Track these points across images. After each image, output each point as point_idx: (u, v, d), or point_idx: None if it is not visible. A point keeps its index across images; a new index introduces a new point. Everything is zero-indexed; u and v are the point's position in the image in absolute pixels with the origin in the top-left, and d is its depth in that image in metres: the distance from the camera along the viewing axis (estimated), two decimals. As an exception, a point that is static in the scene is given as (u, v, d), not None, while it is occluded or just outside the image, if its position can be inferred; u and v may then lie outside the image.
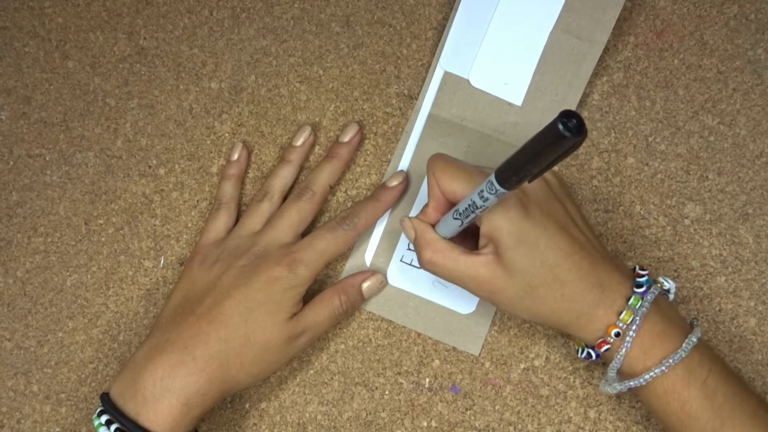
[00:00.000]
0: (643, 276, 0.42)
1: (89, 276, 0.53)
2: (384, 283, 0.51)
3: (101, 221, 0.54)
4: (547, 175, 0.44)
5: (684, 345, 0.41)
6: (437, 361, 0.50)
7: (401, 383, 0.50)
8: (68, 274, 0.53)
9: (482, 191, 0.38)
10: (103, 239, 0.54)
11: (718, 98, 0.51)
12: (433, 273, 0.44)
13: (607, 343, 0.41)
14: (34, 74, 0.56)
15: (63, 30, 0.56)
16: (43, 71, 0.56)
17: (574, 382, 0.49)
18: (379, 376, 0.50)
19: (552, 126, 0.30)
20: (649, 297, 0.41)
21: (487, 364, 0.50)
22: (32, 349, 0.53)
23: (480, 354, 0.50)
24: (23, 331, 0.53)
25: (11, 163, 0.55)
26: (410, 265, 0.51)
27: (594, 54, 0.50)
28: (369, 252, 0.51)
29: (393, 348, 0.51)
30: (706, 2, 0.52)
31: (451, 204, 0.44)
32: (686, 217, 0.50)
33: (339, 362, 0.51)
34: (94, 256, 0.53)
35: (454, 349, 0.50)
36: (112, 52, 0.55)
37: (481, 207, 0.39)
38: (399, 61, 0.53)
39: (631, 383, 0.41)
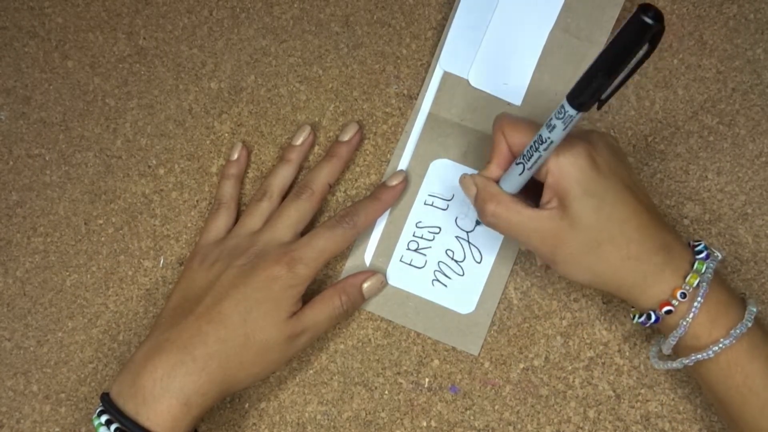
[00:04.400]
0: (699, 244, 0.42)
1: (89, 276, 0.53)
2: (384, 283, 0.51)
3: (101, 221, 0.54)
4: (610, 138, 0.44)
5: (747, 315, 0.40)
6: (437, 361, 0.50)
7: (401, 383, 0.50)
8: (68, 273, 0.53)
9: (550, 120, 0.38)
10: (102, 239, 0.54)
11: (718, 98, 0.51)
12: (495, 227, 0.44)
13: (670, 305, 0.40)
14: (33, 74, 0.56)
15: (62, 30, 0.56)
16: (42, 71, 0.56)
17: (573, 382, 0.49)
18: (378, 376, 0.50)
19: (634, 19, 0.31)
20: (711, 264, 0.41)
21: (487, 364, 0.50)
22: (32, 348, 0.53)
23: (479, 354, 0.50)
24: (23, 331, 0.53)
25: (11, 163, 0.55)
26: (410, 265, 0.51)
27: (593, 54, 0.50)
28: (369, 252, 0.51)
29: (392, 348, 0.51)
30: (706, 2, 0.52)
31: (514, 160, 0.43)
32: (685, 217, 0.50)
33: (338, 362, 0.51)
34: (94, 256, 0.53)
35: (454, 348, 0.50)
36: (111, 52, 0.55)
37: (546, 141, 0.38)
38: (398, 61, 0.53)
39: (700, 356, 0.40)
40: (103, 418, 0.43)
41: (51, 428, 0.52)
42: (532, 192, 0.44)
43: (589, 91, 0.35)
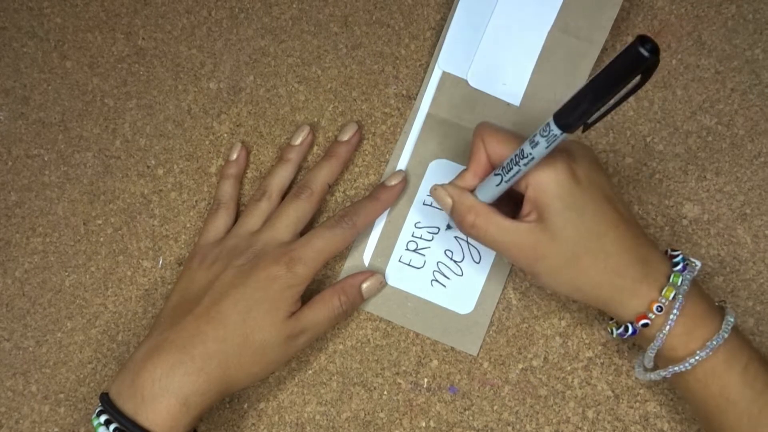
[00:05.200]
0: (677, 255, 0.42)
1: (88, 276, 0.53)
2: (383, 283, 0.51)
3: (100, 221, 0.54)
4: (590, 150, 0.44)
5: (724, 326, 0.40)
6: (435, 362, 0.50)
7: (399, 383, 0.50)
8: (67, 274, 0.53)
9: (534, 137, 0.38)
10: (101, 239, 0.54)
11: (716, 98, 0.51)
12: (476, 238, 0.43)
13: (647, 318, 0.41)
14: (32, 74, 0.56)
15: (61, 30, 0.56)
16: (41, 71, 0.56)
17: (572, 382, 0.49)
18: (377, 377, 0.50)
19: (630, 49, 0.31)
20: (688, 276, 0.41)
21: (486, 365, 0.50)
22: (31, 349, 0.53)
23: (478, 354, 0.50)
24: (22, 332, 0.53)
25: (10, 163, 0.55)
26: (409, 265, 0.51)
27: (592, 54, 0.50)
28: (367, 252, 0.51)
29: (391, 348, 0.51)
30: (704, 2, 0.52)
31: (492, 170, 0.43)
32: (684, 218, 0.50)
33: (337, 362, 0.51)
34: (93, 257, 0.53)
35: (453, 349, 0.50)
36: (110, 52, 0.55)
37: (528, 156, 0.39)
38: (397, 62, 0.53)
39: (677, 368, 0.41)
40: (102, 418, 0.43)
41: (50, 428, 0.52)
42: (506, 200, 0.44)
43: (575, 114, 0.35)
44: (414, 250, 0.51)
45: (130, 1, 0.56)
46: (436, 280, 0.51)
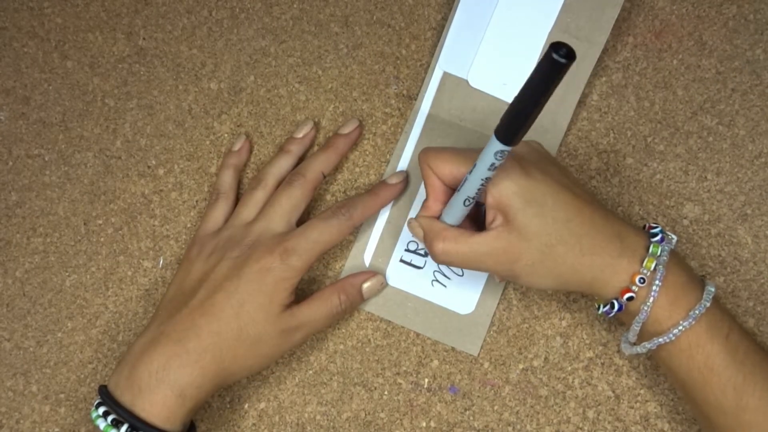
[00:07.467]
0: (656, 227, 0.42)
1: (88, 276, 0.53)
2: (384, 284, 0.51)
3: (100, 221, 0.54)
4: (535, 144, 0.45)
5: (705, 295, 0.41)
6: (436, 362, 0.50)
7: (400, 383, 0.50)
8: (67, 274, 0.53)
9: (486, 159, 0.38)
10: (102, 239, 0.54)
11: (717, 99, 0.51)
12: (450, 263, 0.44)
13: (631, 291, 0.41)
14: (33, 74, 0.56)
15: (62, 30, 0.56)
16: (42, 71, 0.56)
17: (572, 382, 0.49)
18: (378, 377, 0.50)
19: (548, 59, 0.32)
20: (667, 246, 0.41)
21: (486, 365, 0.50)
22: (31, 349, 0.53)
23: (479, 354, 0.50)
24: (22, 332, 0.53)
25: (10, 163, 0.55)
26: (410, 265, 0.51)
27: (593, 54, 0.50)
28: (368, 252, 0.51)
29: (392, 348, 0.51)
30: (705, 3, 0.52)
31: (451, 190, 0.44)
32: (685, 218, 0.50)
33: (338, 362, 0.51)
34: (93, 257, 0.53)
35: (453, 349, 0.50)
36: (111, 52, 0.55)
37: (486, 178, 0.39)
38: (398, 62, 0.53)
39: (661, 339, 0.41)
40: (101, 410, 0.43)
41: (50, 428, 0.52)
42: (474, 220, 0.44)
43: (513, 128, 0.36)
44: (414, 251, 0.51)
45: (130, 1, 0.56)
46: (437, 281, 0.51)
